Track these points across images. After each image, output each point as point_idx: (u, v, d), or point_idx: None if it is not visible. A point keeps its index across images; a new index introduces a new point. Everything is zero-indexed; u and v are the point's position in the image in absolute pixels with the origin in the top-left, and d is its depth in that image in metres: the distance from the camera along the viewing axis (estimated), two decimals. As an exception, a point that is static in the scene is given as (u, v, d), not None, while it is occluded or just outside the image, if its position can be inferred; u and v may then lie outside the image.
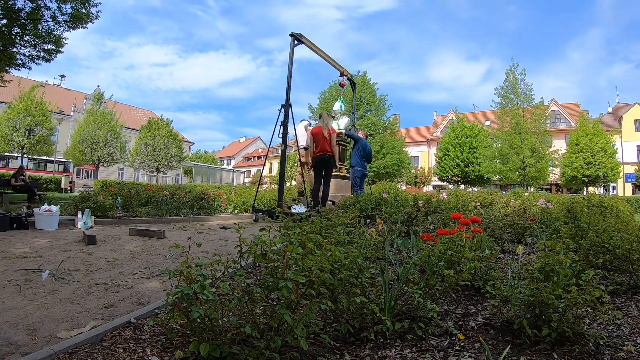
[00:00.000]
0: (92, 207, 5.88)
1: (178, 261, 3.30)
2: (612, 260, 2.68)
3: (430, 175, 36.33)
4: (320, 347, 1.61)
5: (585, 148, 24.22)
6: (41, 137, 21.06)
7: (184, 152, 30.24)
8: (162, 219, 6.50)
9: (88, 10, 8.71)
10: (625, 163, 29.60)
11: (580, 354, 1.53)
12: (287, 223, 2.63)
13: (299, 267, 1.49)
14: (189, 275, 1.39)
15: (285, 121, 6.52)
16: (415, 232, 3.70)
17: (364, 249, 2.73)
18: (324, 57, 7.99)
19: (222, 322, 1.45)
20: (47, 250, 3.68)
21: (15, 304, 2.15)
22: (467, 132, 28.19)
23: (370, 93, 25.42)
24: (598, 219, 3.30)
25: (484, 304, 2.16)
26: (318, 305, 1.52)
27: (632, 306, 2.17)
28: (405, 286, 1.87)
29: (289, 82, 6.69)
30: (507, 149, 23.13)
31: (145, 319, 1.89)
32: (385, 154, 24.90)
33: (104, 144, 24.64)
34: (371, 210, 5.55)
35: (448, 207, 5.77)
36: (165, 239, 4.60)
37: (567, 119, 35.09)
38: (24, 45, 8.63)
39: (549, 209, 5.43)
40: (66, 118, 30.34)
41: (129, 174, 38.41)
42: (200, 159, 51.07)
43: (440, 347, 1.62)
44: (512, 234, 4.17)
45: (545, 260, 1.80)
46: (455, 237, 2.49)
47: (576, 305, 1.59)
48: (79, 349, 1.56)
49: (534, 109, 22.45)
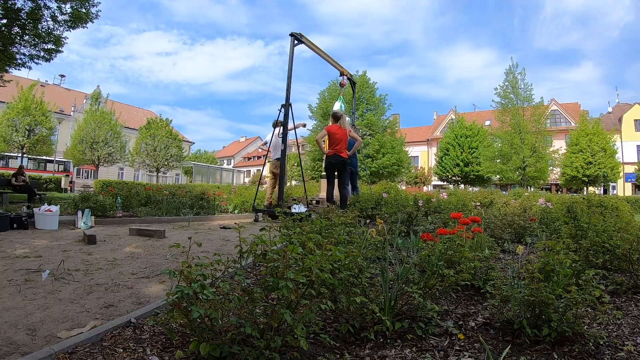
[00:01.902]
0: (92, 207, 5.88)
1: (178, 261, 3.30)
2: (612, 260, 2.68)
3: (430, 175, 36.34)
4: (320, 347, 1.61)
5: (585, 148, 24.22)
6: (41, 137, 21.08)
7: (183, 152, 30.26)
8: (162, 219, 6.50)
9: (88, 9, 8.71)
10: (625, 163, 29.60)
11: (580, 353, 1.53)
12: (287, 223, 2.63)
13: (299, 266, 1.49)
14: (189, 275, 1.39)
15: (285, 121, 6.52)
16: (415, 232, 3.70)
17: (364, 248, 2.73)
18: (324, 57, 7.99)
19: (222, 322, 1.45)
20: (47, 250, 3.68)
21: (15, 303, 2.15)
22: (467, 132, 28.21)
23: (370, 93, 25.42)
24: (598, 219, 3.30)
25: (484, 303, 2.16)
26: (318, 305, 1.52)
27: (632, 306, 2.17)
28: (405, 286, 1.87)
29: (288, 82, 6.69)
30: (507, 149, 23.12)
31: (145, 318, 1.88)
32: (384, 153, 24.90)
33: (103, 143, 24.66)
34: (371, 210, 5.55)
35: (448, 206, 5.78)
36: (166, 239, 4.60)
37: (567, 119, 35.09)
38: (24, 45, 8.63)
39: (549, 208, 5.43)
40: (66, 118, 30.35)
41: (129, 173, 38.42)
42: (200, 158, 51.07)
43: (440, 347, 1.62)
44: (512, 234, 4.18)
45: (545, 260, 1.80)
46: (455, 236, 2.49)
47: (576, 305, 1.59)
48: (79, 348, 1.56)
49: (533, 108, 22.42)
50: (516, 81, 22.69)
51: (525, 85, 22.57)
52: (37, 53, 8.87)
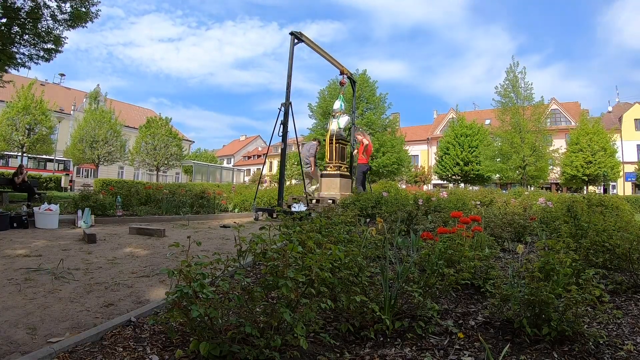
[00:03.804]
0: (92, 205, 5.88)
1: (178, 260, 3.30)
2: (612, 259, 2.68)
3: (430, 174, 36.33)
4: (320, 346, 1.61)
5: (585, 147, 24.19)
6: (41, 136, 21.05)
7: (183, 151, 30.24)
8: (162, 218, 6.50)
9: (88, 9, 8.68)
10: (625, 162, 29.57)
11: (580, 353, 1.53)
12: (287, 222, 2.63)
13: (299, 265, 1.49)
14: (188, 274, 1.39)
15: (286, 120, 6.51)
16: (415, 231, 3.70)
17: (364, 247, 2.73)
18: (324, 56, 7.98)
19: (222, 321, 1.45)
20: (47, 249, 3.68)
21: (15, 302, 2.15)
22: (467, 131, 28.19)
23: (370, 92, 25.37)
24: (598, 218, 3.30)
25: (484, 302, 2.16)
26: (318, 304, 1.52)
27: (632, 305, 2.17)
28: (405, 285, 1.87)
29: (288, 81, 6.68)
30: (507, 148, 23.10)
31: (145, 317, 1.89)
32: (384, 152, 24.88)
33: (103, 142, 24.65)
34: (371, 209, 5.55)
35: (448, 205, 5.78)
36: (165, 238, 4.60)
37: (567, 118, 35.06)
38: (24, 45, 8.61)
39: (549, 208, 5.44)
40: (66, 117, 30.35)
41: (129, 172, 38.41)
42: (200, 157, 51.01)
43: (440, 346, 1.62)
44: (512, 233, 4.17)
45: (546, 259, 1.80)
46: (455, 236, 2.49)
47: (576, 304, 1.59)
48: (79, 347, 1.56)
49: (534, 107, 22.39)
50: (516, 80, 22.67)
51: (525, 85, 22.55)
52: (36, 53, 8.85)
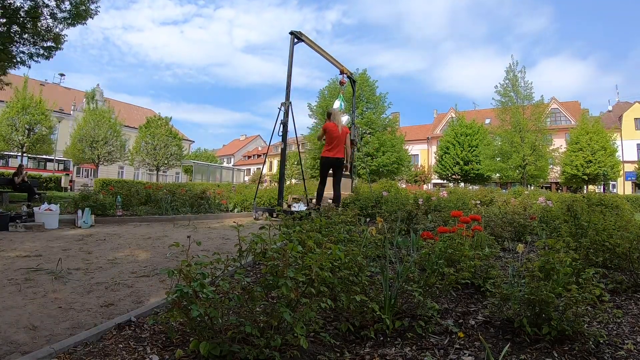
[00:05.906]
0: (92, 205, 5.87)
1: (178, 260, 3.30)
2: (612, 258, 2.68)
3: (430, 173, 36.35)
4: (321, 346, 1.60)
5: (585, 146, 24.19)
6: (41, 136, 21.05)
7: (183, 151, 30.25)
8: (162, 218, 6.50)
9: (87, 7, 8.68)
10: (625, 161, 29.57)
11: (580, 352, 1.53)
12: (287, 221, 2.63)
13: (299, 265, 1.49)
14: (188, 274, 1.39)
15: (286, 119, 6.51)
16: (415, 231, 3.70)
17: (364, 247, 2.73)
18: (324, 55, 7.97)
19: (222, 320, 1.45)
20: (47, 249, 3.68)
21: (15, 302, 2.15)
22: (467, 130, 28.21)
23: (370, 91, 25.39)
24: (598, 218, 3.30)
25: (484, 302, 2.16)
26: (318, 304, 1.52)
27: (632, 305, 2.17)
28: (405, 284, 1.87)
29: (288, 80, 6.68)
30: (507, 147, 23.12)
31: (145, 317, 1.88)
32: (384, 152, 24.90)
33: (103, 142, 24.65)
34: (371, 208, 5.55)
35: (448, 205, 5.78)
36: (165, 238, 4.59)
37: (567, 117, 35.06)
38: (24, 44, 8.61)
39: (549, 207, 5.44)
40: (66, 117, 30.34)
41: (129, 172, 38.43)
42: (200, 157, 51.00)
43: (440, 346, 1.62)
44: (512, 232, 4.17)
45: (546, 259, 1.80)
46: (455, 235, 2.49)
47: (576, 303, 1.59)
48: (79, 347, 1.56)
49: (534, 107, 22.41)
50: (516, 79, 22.68)
51: (525, 84, 22.57)
52: (36, 51, 8.86)
